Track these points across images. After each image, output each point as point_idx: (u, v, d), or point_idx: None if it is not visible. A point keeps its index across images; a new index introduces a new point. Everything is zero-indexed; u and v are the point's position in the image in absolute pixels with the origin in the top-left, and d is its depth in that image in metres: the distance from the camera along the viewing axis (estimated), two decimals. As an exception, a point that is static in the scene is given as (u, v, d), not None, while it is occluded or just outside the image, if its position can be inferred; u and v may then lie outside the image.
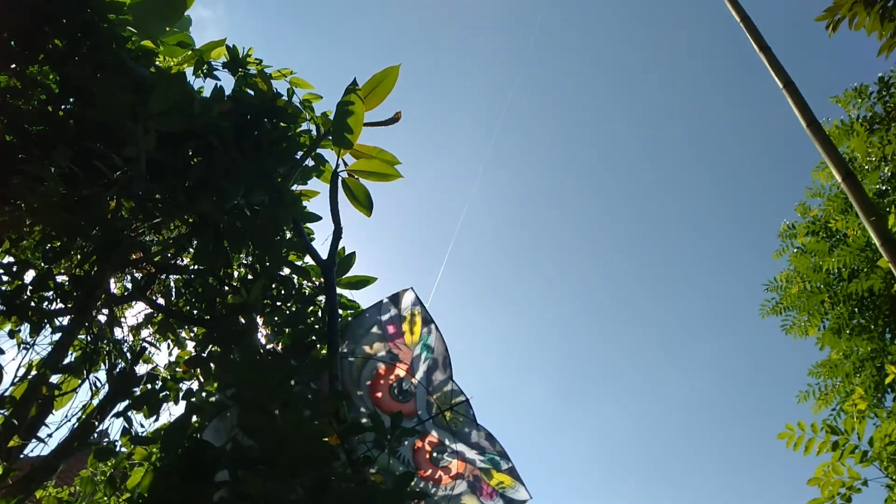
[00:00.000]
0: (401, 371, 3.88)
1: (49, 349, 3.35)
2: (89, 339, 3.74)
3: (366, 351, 3.87)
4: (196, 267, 3.93)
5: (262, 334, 3.87)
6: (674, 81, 21.93)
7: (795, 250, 9.19)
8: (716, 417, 25.55)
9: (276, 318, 3.87)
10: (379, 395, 3.86)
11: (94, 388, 3.75)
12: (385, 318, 3.92)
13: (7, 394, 3.23)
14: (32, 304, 3.35)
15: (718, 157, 22.81)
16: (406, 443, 3.75)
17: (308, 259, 4.10)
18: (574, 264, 26.37)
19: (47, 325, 3.35)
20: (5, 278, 3.34)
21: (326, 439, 2.69)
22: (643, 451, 26.28)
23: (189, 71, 4.04)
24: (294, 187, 4.14)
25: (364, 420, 3.65)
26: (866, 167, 8.65)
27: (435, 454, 3.84)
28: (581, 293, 26.80)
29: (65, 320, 3.42)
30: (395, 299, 3.96)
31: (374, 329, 3.90)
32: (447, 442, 3.83)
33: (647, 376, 25.95)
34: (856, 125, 8.55)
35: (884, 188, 8.45)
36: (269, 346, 3.82)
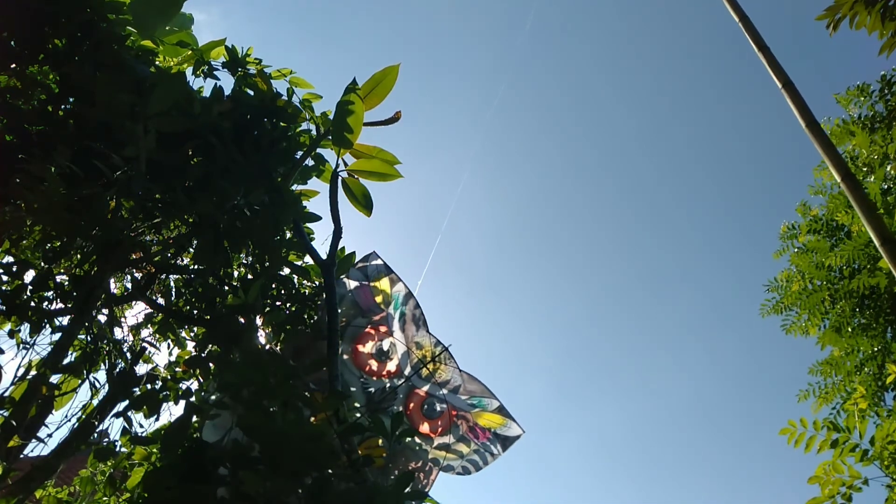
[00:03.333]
0: (378, 333, 3.94)
1: (49, 349, 3.35)
2: (89, 339, 3.73)
3: (342, 321, 3.91)
4: (196, 267, 3.93)
5: (261, 334, 3.87)
6: (672, 81, 21.93)
7: (796, 250, 9.20)
8: (715, 417, 25.56)
9: (275, 319, 3.87)
10: (362, 359, 3.94)
11: (94, 388, 3.75)
12: (354, 285, 3.96)
13: (7, 394, 3.23)
14: (32, 303, 3.35)
15: (717, 157, 22.81)
16: (397, 399, 3.86)
17: (308, 259, 4.11)
18: (574, 263, 26.37)
19: (47, 325, 3.35)
20: (5, 278, 3.34)
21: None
22: (642, 450, 26.29)
23: (189, 71, 4.04)
24: (294, 187, 4.14)
25: (354, 391, 3.80)
26: (866, 166, 8.65)
27: (426, 407, 3.91)
28: (580, 292, 26.80)
29: (65, 320, 3.42)
30: (362, 266, 4.01)
31: (346, 298, 3.94)
32: (435, 393, 3.90)
33: (645, 375, 25.96)
34: (854, 127, 8.56)
35: (886, 186, 8.45)
36: (268, 346, 3.82)
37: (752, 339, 25.10)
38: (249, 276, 4.08)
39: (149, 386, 3.61)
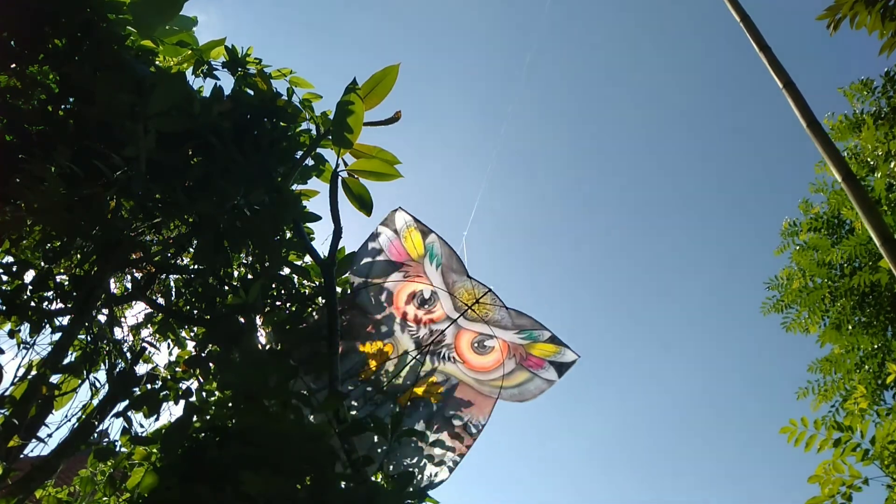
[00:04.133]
0: (417, 284, 4.04)
1: (49, 349, 3.35)
2: (89, 339, 3.73)
3: (378, 279, 4.05)
4: (196, 267, 3.93)
5: (261, 334, 3.87)
6: (673, 80, 21.93)
7: (797, 247, 9.20)
8: (714, 415, 25.56)
9: (275, 319, 3.87)
10: (406, 312, 4.08)
11: (94, 388, 3.75)
12: (385, 243, 4.02)
13: (7, 394, 3.23)
14: (32, 303, 3.35)
15: (717, 157, 22.80)
16: (446, 343, 4.03)
17: (308, 259, 4.10)
18: (573, 263, 26.36)
19: (47, 325, 3.35)
20: (5, 278, 3.34)
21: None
22: (641, 450, 26.29)
23: (189, 71, 4.04)
24: (294, 187, 4.14)
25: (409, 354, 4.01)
26: (872, 162, 8.64)
27: (476, 344, 4.05)
28: (579, 291, 26.79)
29: (65, 320, 3.42)
30: (388, 223, 4.06)
31: (379, 257, 4.03)
32: (484, 331, 4.02)
33: (644, 374, 25.95)
34: (867, 118, 8.53)
35: (890, 183, 8.44)
36: (268, 346, 3.82)
37: (752, 337, 25.11)
38: (249, 276, 4.08)
39: (149, 386, 3.61)
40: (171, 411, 3.71)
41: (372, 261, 4.03)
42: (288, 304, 4.06)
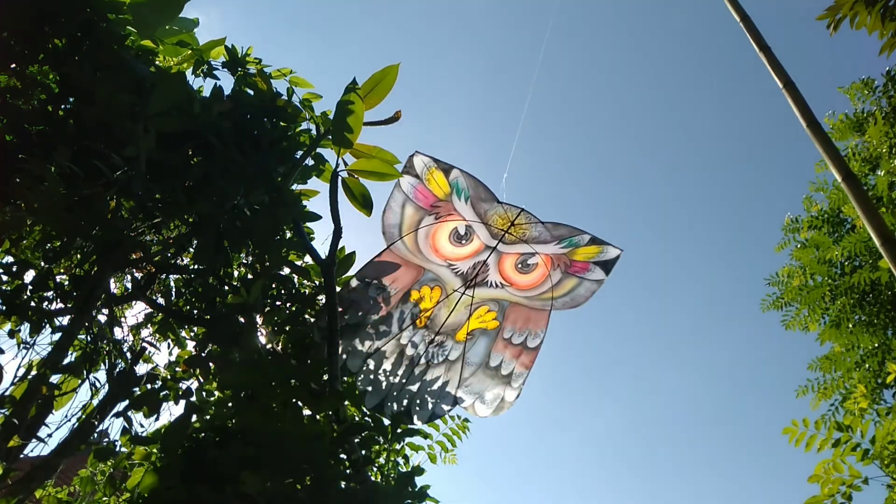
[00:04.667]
0: (451, 222, 4.11)
1: (49, 349, 3.35)
2: (89, 338, 3.73)
3: (410, 227, 4.14)
4: (196, 267, 3.93)
5: (261, 334, 3.87)
6: (673, 80, 21.93)
7: (798, 244, 9.20)
8: (713, 414, 25.58)
9: (275, 318, 3.87)
10: (444, 251, 4.18)
11: (94, 388, 3.75)
12: (409, 190, 4.04)
13: (7, 394, 3.23)
14: (32, 303, 3.35)
15: (717, 157, 22.82)
16: (489, 268, 4.18)
17: (308, 259, 4.10)
18: (574, 263, 26.34)
19: (47, 325, 3.35)
20: (5, 278, 3.34)
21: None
22: (640, 449, 26.31)
23: (189, 71, 4.04)
24: (294, 187, 4.14)
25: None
26: (875, 160, 8.64)
27: (520, 265, 4.18)
28: (581, 292, 26.76)
29: (65, 320, 3.42)
30: (409, 169, 4.07)
31: (407, 206, 4.07)
32: (525, 251, 4.13)
33: (643, 373, 25.98)
34: (877, 115, 8.52)
35: (892, 181, 8.44)
36: (269, 346, 3.82)
37: (752, 334, 25.12)
38: (249, 276, 4.08)
39: (149, 386, 3.61)
40: (171, 411, 3.72)
41: (402, 208, 4.07)
42: (288, 304, 4.06)
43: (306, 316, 4.04)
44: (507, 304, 4.26)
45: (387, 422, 3.28)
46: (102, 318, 3.83)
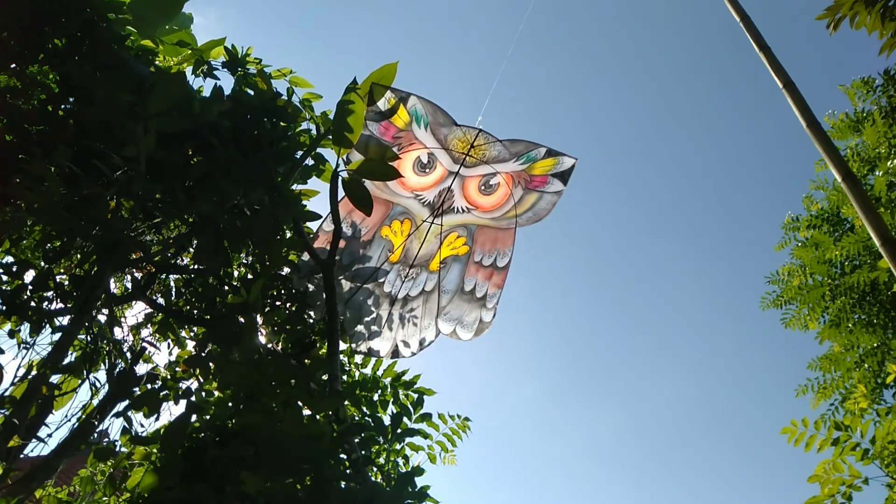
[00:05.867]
0: (413, 152, 4.11)
1: (49, 349, 3.35)
2: (89, 338, 3.73)
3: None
4: (196, 267, 3.93)
5: (262, 334, 3.87)
6: (673, 79, 21.94)
7: (798, 243, 9.20)
8: (712, 414, 25.58)
9: (275, 318, 3.87)
10: (410, 182, 4.22)
11: (93, 388, 3.75)
12: (373, 126, 4.00)
13: (7, 394, 3.23)
14: (32, 303, 3.35)
15: (717, 157, 22.82)
16: (454, 194, 4.26)
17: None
18: (571, 263, 26.38)
19: (47, 325, 3.34)
20: (5, 278, 3.34)
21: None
22: (639, 451, 26.31)
23: (188, 70, 4.04)
24: (294, 186, 4.14)
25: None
26: (873, 161, 8.64)
27: (482, 186, 4.24)
28: (576, 291, 26.81)
29: (65, 320, 3.42)
30: (371, 107, 4.02)
31: (370, 143, 4.01)
32: (486, 172, 4.18)
33: (642, 374, 25.98)
34: (875, 115, 8.52)
35: (890, 181, 8.44)
36: (269, 346, 3.82)
37: (752, 333, 25.12)
38: (249, 276, 4.08)
39: (149, 386, 3.61)
40: (171, 411, 3.71)
41: (366, 147, 4.03)
42: (288, 304, 4.06)
43: (306, 316, 4.04)
44: (475, 228, 4.36)
45: (387, 421, 3.29)
46: (102, 318, 3.83)
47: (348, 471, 2.66)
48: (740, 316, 25.55)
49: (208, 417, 2.64)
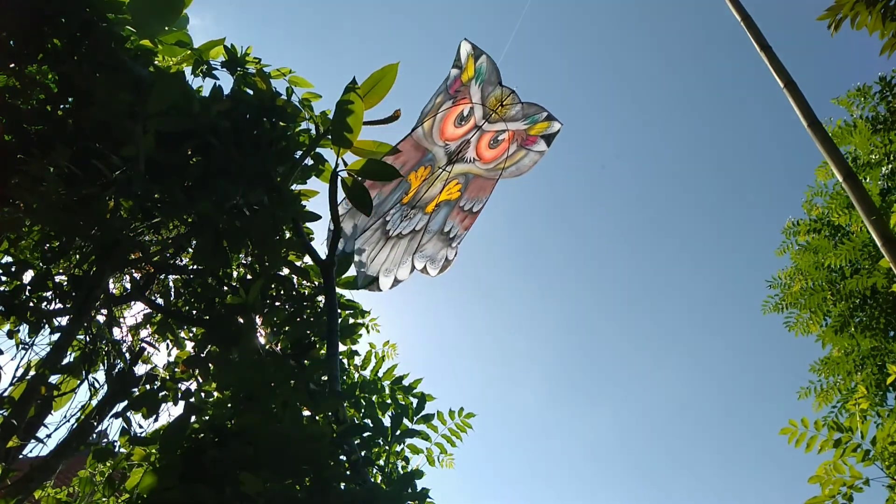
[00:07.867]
0: (461, 106, 4.49)
1: (48, 349, 3.34)
2: (88, 339, 3.73)
3: (432, 113, 4.51)
4: (195, 267, 3.92)
5: (261, 334, 3.86)
6: (673, 79, 21.94)
7: (798, 248, 9.20)
8: (712, 418, 25.56)
9: (275, 318, 3.86)
10: (447, 132, 4.52)
11: (92, 388, 3.74)
12: (451, 78, 4.39)
13: (6, 394, 3.22)
14: (31, 304, 3.35)
15: (717, 157, 22.81)
16: (470, 145, 4.59)
17: (308, 259, 4.09)
18: (570, 264, 26.38)
19: (46, 326, 3.34)
20: (4, 278, 3.33)
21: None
22: (638, 453, 26.29)
23: (188, 70, 4.03)
24: (293, 187, 4.13)
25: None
26: (869, 164, 8.64)
27: (492, 141, 4.57)
28: (575, 293, 26.80)
29: (63, 320, 3.41)
30: (456, 60, 4.41)
31: (440, 94, 4.44)
32: (500, 128, 4.51)
33: (641, 376, 25.96)
34: (859, 124, 8.55)
35: (886, 186, 8.45)
36: (268, 346, 3.81)
37: (753, 336, 25.11)
38: (249, 276, 4.07)
39: (148, 386, 3.60)
40: (170, 412, 3.71)
41: (434, 99, 4.41)
42: (287, 304, 4.05)
43: (305, 316, 4.03)
44: (472, 177, 4.65)
45: (387, 423, 3.27)
46: (101, 319, 3.82)
47: (348, 472, 2.65)
48: (741, 317, 25.55)
49: (207, 418, 2.63)
